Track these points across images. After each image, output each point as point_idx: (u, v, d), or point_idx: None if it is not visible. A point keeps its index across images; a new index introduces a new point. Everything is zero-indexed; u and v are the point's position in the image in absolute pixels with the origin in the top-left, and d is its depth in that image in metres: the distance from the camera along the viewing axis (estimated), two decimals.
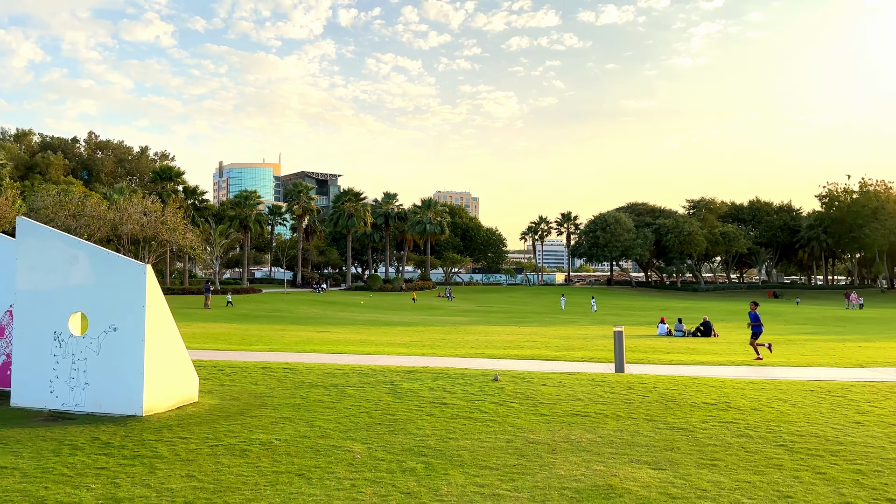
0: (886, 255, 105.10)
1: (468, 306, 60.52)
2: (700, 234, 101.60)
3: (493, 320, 41.71)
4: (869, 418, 9.14)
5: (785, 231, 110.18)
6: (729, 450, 7.31)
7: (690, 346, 22.81)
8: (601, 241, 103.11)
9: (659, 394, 10.74)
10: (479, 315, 48.01)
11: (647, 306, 63.99)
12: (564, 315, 49.69)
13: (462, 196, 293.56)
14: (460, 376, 12.19)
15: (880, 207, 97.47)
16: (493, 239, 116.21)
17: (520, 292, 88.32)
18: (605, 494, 5.67)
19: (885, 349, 21.37)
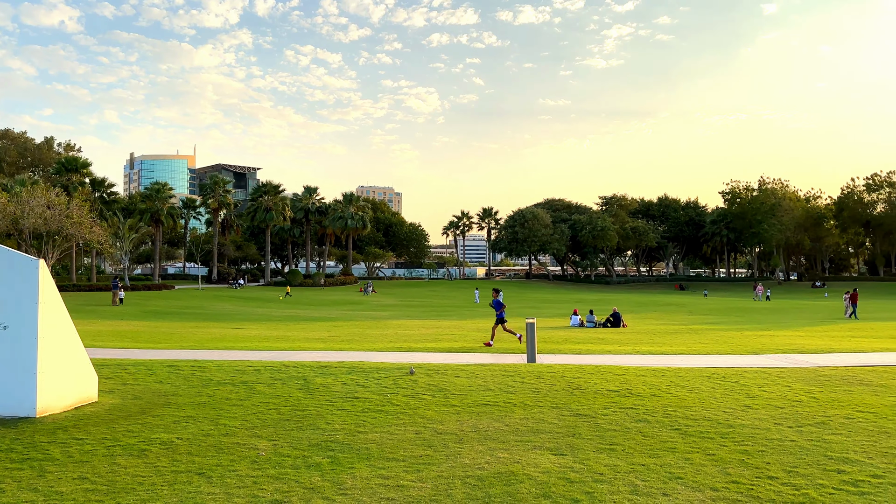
0: (783, 248, 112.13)
1: (390, 301, 60.39)
2: (612, 229, 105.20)
3: (413, 314, 41.80)
4: (758, 402, 9.75)
5: (691, 226, 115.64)
6: (627, 434, 7.65)
7: (600, 336, 23.64)
8: (520, 235, 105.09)
9: (566, 382, 11.09)
10: (400, 309, 48.00)
11: (563, 298, 65.74)
12: (483, 308, 50.37)
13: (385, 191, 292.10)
14: (375, 370, 12.19)
15: (777, 204, 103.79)
16: (415, 234, 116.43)
17: (441, 286, 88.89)
18: (506, 481, 5.82)
19: (779, 337, 22.81)
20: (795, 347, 17.96)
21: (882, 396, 10.21)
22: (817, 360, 14.70)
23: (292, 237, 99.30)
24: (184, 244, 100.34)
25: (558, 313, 43.32)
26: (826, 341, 20.54)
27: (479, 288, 70.37)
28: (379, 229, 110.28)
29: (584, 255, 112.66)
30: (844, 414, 8.88)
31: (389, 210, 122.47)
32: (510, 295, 73.95)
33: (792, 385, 11.20)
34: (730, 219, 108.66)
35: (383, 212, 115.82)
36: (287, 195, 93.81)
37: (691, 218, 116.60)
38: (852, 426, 8.19)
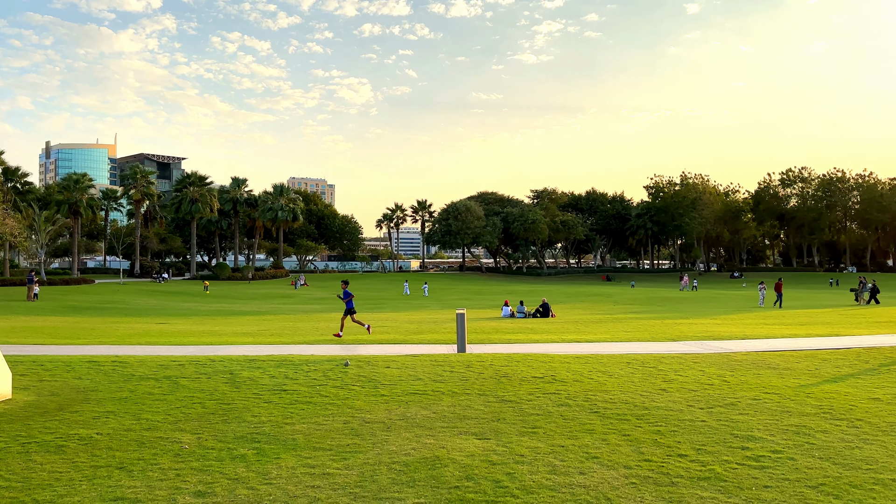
0: (704, 241, 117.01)
1: (322, 294, 59.73)
2: (543, 222, 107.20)
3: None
4: (673, 385, 10.25)
5: (617, 219, 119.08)
6: (549, 418, 7.94)
7: (529, 326, 24.18)
8: (453, 228, 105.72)
9: (494, 370, 11.35)
10: (332, 302, 47.57)
11: (496, 290, 66.65)
12: (417, 301, 50.54)
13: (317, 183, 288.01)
14: (305, 363, 12.13)
15: (698, 198, 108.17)
16: (348, 226, 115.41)
17: (375, 279, 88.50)
18: (431, 465, 5.97)
19: (697, 325, 23.88)
20: (711, 334, 18.86)
21: (787, 379, 10.91)
22: (730, 346, 15.50)
23: (220, 229, 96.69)
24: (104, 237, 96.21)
25: (490, 304, 43.89)
26: (740, 328, 21.63)
27: (408, 280, 70.50)
28: (311, 221, 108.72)
29: (516, 248, 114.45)
30: (752, 395, 9.46)
31: (322, 202, 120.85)
32: (444, 287, 74.43)
33: (705, 369, 11.81)
34: (654, 212, 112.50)
35: (315, 204, 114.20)
36: (214, 186, 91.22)
37: (618, 211, 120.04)
38: (758, 406, 8.74)
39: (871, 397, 9.27)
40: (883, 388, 9.98)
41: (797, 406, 8.71)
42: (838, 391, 9.73)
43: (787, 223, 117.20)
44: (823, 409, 8.55)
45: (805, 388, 9.92)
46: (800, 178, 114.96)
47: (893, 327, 21.10)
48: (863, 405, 8.75)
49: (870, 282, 42.67)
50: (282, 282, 79.82)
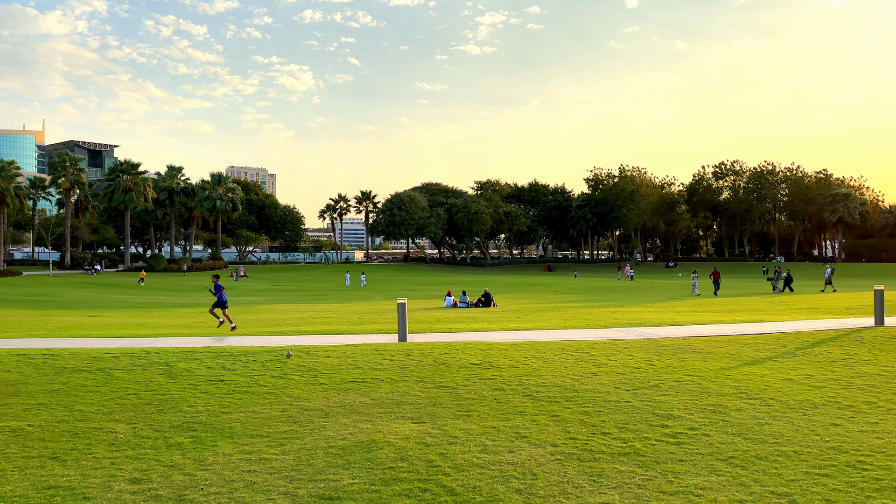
0: (640, 232, 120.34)
1: (263, 286, 58.89)
2: (487, 213, 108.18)
3: (288, 299, 41.15)
4: (603, 369, 10.70)
5: (559, 211, 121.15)
6: (483, 402, 8.22)
7: (471, 316, 24.55)
8: (398, 219, 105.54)
9: (433, 358, 11.58)
10: (273, 294, 47.02)
11: (439, 281, 67.04)
12: (360, 291, 50.44)
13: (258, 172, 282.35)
14: (243, 354, 12.09)
15: (636, 190, 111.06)
16: (290, 217, 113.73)
17: (318, 270, 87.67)
18: (367, 448, 6.16)
19: (630, 312, 24.72)
20: (643, 321, 19.59)
21: (709, 362, 11.52)
22: (659, 332, 16.17)
23: (155, 220, 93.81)
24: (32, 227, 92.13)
25: (434, 295, 44.20)
26: (671, 315, 22.51)
27: (350, 272, 70.23)
28: (251, 212, 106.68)
29: (460, 239, 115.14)
30: (675, 378, 9.99)
31: (262, 192, 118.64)
32: (388, 278, 74.37)
33: (634, 354, 12.34)
34: (593, 204, 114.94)
35: (256, 193, 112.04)
36: (149, 175, 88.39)
37: (559, 203, 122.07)
38: (680, 388, 9.25)
39: (785, 378, 9.92)
40: (796, 369, 10.67)
41: (716, 387, 9.26)
42: (755, 373, 10.36)
43: (719, 214, 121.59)
44: (740, 389, 9.11)
45: (725, 371, 10.52)
46: (732, 171, 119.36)
47: (813, 313, 22.32)
48: (776, 385, 9.36)
49: (784, 271, 45.01)
50: (220, 273, 78.20)
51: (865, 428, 7.01)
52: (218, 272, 78.91)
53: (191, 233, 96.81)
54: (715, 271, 43.58)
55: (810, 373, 10.27)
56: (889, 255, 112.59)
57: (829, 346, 13.00)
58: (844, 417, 7.48)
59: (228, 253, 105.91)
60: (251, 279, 68.70)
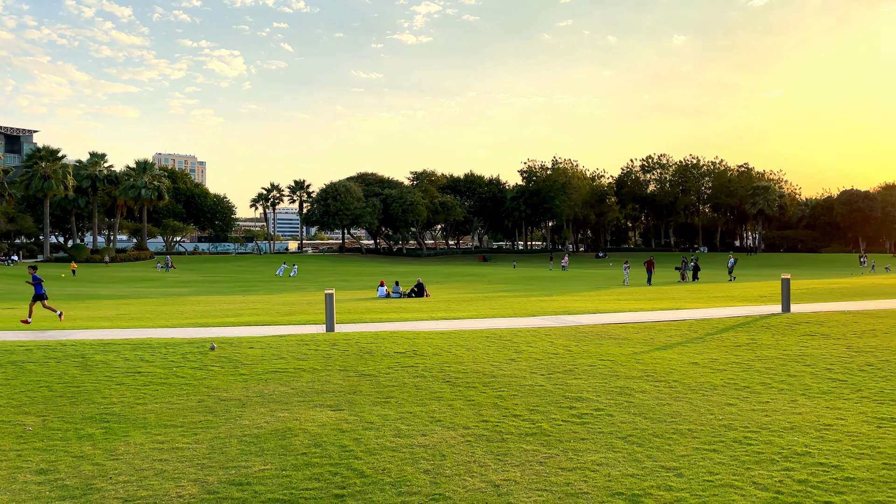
0: (572, 223, 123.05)
1: (191, 277, 57.37)
2: (422, 203, 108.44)
3: (217, 290, 40.29)
4: (522, 356, 11.06)
5: (494, 202, 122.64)
6: (403, 389, 8.41)
7: (403, 306, 24.71)
8: (332, 209, 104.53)
9: (359, 347, 11.69)
10: (201, 285, 45.92)
11: (374, 271, 66.87)
12: (292, 282, 49.84)
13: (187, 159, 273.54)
14: (163, 345, 11.88)
15: (568, 182, 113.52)
16: (220, 206, 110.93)
17: (249, 261, 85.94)
18: (282, 436, 6.25)
19: (558, 301, 25.41)
20: (568, 310, 20.20)
21: (623, 347, 12.05)
22: (581, 320, 16.75)
23: (77, 208, 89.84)
24: None
25: (368, 286, 44.13)
26: (595, 304, 23.26)
27: (286, 262, 69.26)
28: (179, 200, 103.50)
29: (396, 229, 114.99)
30: (589, 362, 10.43)
31: (191, 180, 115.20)
32: (322, 269, 73.64)
33: (554, 341, 12.78)
34: (527, 195, 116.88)
35: (184, 182, 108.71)
36: (70, 162, 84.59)
37: (494, 194, 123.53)
38: (592, 372, 9.68)
39: (691, 362, 10.51)
40: (703, 353, 11.30)
41: (626, 370, 9.74)
42: (665, 357, 10.92)
43: (647, 206, 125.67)
44: (648, 372, 9.61)
45: (637, 355, 11.05)
46: (659, 165, 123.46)
47: (728, 301, 23.47)
48: (682, 368, 9.92)
49: (691, 261, 47.36)
50: (146, 264, 75.73)
51: (756, 407, 7.56)
52: (36, 264, 76.35)
53: (115, 222, 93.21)
54: (649, 261, 45.11)
55: (715, 356, 10.91)
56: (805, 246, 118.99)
57: (737, 332, 13.79)
58: (739, 398, 8.03)
59: (155, 243, 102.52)
60: (179, 270, 66.81)
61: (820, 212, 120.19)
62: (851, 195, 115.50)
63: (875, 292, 26.01)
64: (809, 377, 9.12)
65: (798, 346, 11.72)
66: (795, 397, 7.97)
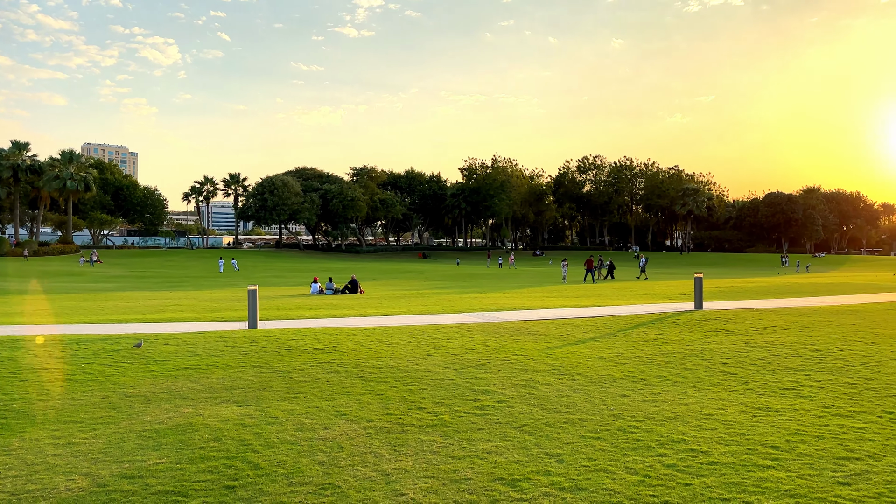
0: (512, 221, 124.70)
1: (118, 272, 55.55)
2: (363, 199, 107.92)
3: (144, 286, 39.19)
4: (440, 351, 11.32)
5: (434, 199, 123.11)
6: (315, 384, 8.54)
7: (334, 303, 24.67)
8: (269, 203, 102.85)
9: (278, 344, 11.72)
10: (129, 280, 44.57)
11: (311, 268, 66.23)
12: (224, 278, 48.91)
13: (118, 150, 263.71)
14: (76, 342, 11.63)
15: (507, 181, 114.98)
16: (151, 199, 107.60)
17: (181, 256, 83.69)
18: (182, 431, 6.30)
19: (489, 298, 25.86)
20: (496, 307, 20.63)
21: (539, 342, 12.47)
22: (506, 317, 17.17)
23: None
24: None
25: (303, 282, 43.75)
26: (524, 301, 23.80)
27: (222, 258, 67.89)
28: (108, 192, 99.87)
29: (336, 225, 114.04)
30: (502, 357, 10.78)
31: (120, 172, 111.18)
32: (257, 264, 72.41)
33: (475, 337, 13.10)
34: (467, 193, 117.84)
35: (113, 173, 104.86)
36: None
37: (435, 191, 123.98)
38: (504, 366, 10.02)
39: (598, 356, 10.99)
40: (612, 348, 11.82)
41: (535, 364, 10.13)
42: (575, 352, 11.38)
43: (583, 206, 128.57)
44: (555, 366, 10.02)
45: (549, 350, 11.48)
46: (594, 166, 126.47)
47: (649, 299, 24.38)
48: (588, 362, 10.37)
49: (607, 260, 49.20)
50: (71, 258, 72.84)
51: (648, 398, 8.03)
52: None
53: (38, 215, 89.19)
54: (589, 259, 46.18)
55: (622, 351, 11.44)
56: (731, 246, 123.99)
57: (648, 328, 14.43)
58: (634, 389, 8.49)
59: (81, 236, 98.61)
60: (106, 265, 64.57)
61: (746, 213, 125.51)
62: (776, 198, 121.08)
63: (788, 291, 27.52)
64: (704, 370, 9.70)
65: (701, 342, 12.39)
66: (686, 389, 8.49)
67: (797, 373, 9.45)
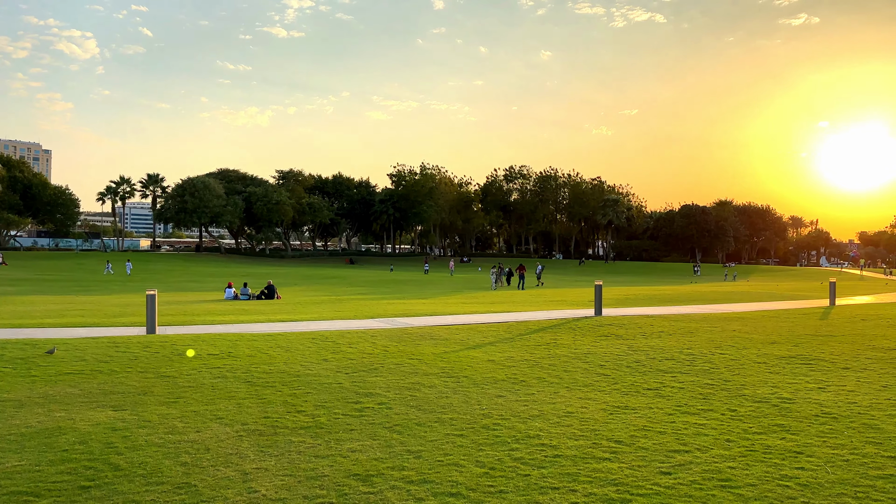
0: (440, 228, 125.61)
1: (22, 274, 52.85)
2: (288, 203, 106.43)
3: (49, 289, 37.51)
4: (337, 356, 11.51)
5: (363, 204, 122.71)
6: (199, 389, 8.60)
7: (246, 308, 24.42)
8: (189, 205, 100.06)
9: (172, 350, 11.64)
10: (33, 284, 42.53)
11: (231, 272, 64.81)
12: (136, 283, 47.33)
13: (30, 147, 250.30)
14: None
15: (435, 188, 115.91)
16: (62, 198, 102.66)
17: (93, 259, 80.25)
18: (49, 434, 6.31)
19: (405, 304, 26.14)
20: (408, 312, 20.93)
21: (438, 347, 12.84)
22: (415, 322, 17.48)
23: None
24: None
25: (220, 287, 42.80)
26: (439, 307, 24.19)
27: (111, 261, 66.06)
28: (16, 191, 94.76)
29: (260, 229, 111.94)
30: (397, 361, 11.08)
31: (30, 169, 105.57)
32: (173, 269, 70.27)
33: (377, 342, 13.35)
34: (396, 199, 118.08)
35: (22, 171, 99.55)
36: None
37: (363, 197, 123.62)
38: (396, 370, 10.32)
39: (489, 359, 11.44)
40: (504, 352, 12.31)
41: (427, 368, 10.48)
42: (469, 356, 11.81)
43: (509, 214, 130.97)
44: (445, 370, 10.40)
45: (444, 354, 11.86)
46: (520, 175, 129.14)
47: (560, 305, 25.22)
48: (477, 366, 10.80)
49: (507, 267, 50.82)
50: None
51: (522, 398, 8.49)
52: None
53: None
54: (520, 266, 47.00)
55: (512, 355, 11.94)
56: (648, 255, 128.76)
57: (545, 333, 15.06)
58: (512, 390, 8.96)
59: None
60: (11, 267, 61.32)
61: (663, 224, 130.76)
62: (690, 209, 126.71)
63: (690, 299, 29.03)
64: (581, 373, 10.29)
65: (588, 346, 13.07)
66: (559, 390, 9.03)
67: (665, 374, 10.17)
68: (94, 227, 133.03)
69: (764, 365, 11.09)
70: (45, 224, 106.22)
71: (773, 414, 7.77)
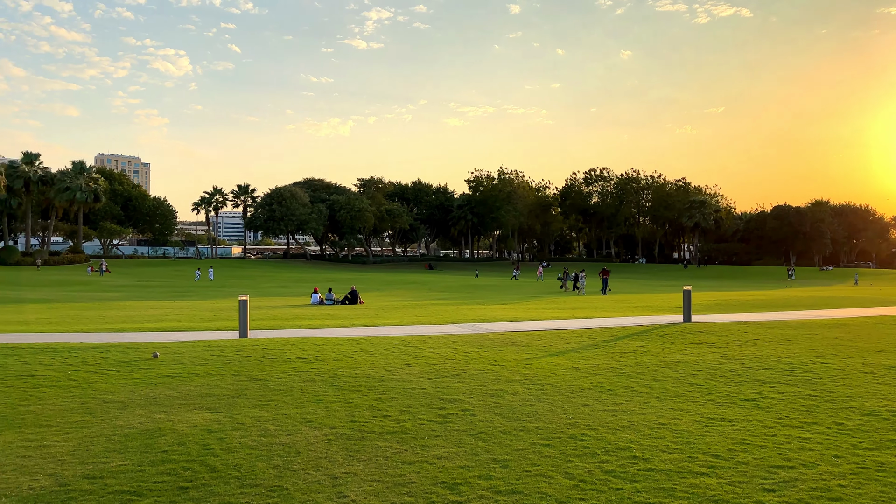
0: (518, 232, 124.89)
1: (125, 281, 56.19)
2: (369, 210, 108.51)
3: (149, 295, 39.68)
4: (420, 361, 11.57)
5: (441, 210, 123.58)
6: (289, 393, 8.82)
7: (331, 313, 24.98)
8: (277, 214, 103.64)
9: (263, 353, 12.02)
10: (134, 290, 45.12)
11: (316, 278, 66.66)
12: (229, 288, 49.37)
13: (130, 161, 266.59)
14: (67, 350, 11.98)
15: (513, 192, 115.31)
16: (160, 209, 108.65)
17: (189, 266, 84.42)
18: (150, 435, 6.60)
19: (486, 309, 26.07)
20: (488, 318, 20.85)
21: (520, 353, 12.70)
22: (496, 328, 17.39)
23: (9, 209, 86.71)
24: None
25: (306, 292, 44.07)
26: (519, 312, 24.00)
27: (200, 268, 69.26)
28: (117, 202, 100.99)
29: (343, 236, 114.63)
30: (479, 367, 11.02)
31: (129, 182, 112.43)
32: (263, 275, 72.95)
33: (458, 347, 13.34)
34: (474, 204, 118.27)
35: (122, 183, 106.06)
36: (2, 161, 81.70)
37: (441, 202, 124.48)
38: (478, 376, 10.27)
39: (573, 367, 11.21)
40: (589, 360, 12.03)
41: (509, 374, 10.37)
42: (552, 362, 11.61)
43: (589, 217, 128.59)
44: (528, 377, 10.26)
45: (527, 361, 11.71)
46: (601, 178, 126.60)
47: (644, 311, 24.51)
48: (561, 373, 10.60)
49: (573, 272, 49.26)
50: (80, 268, 73.71)
51: (609, 408, 8.25)
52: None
53: (49, 224, 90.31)
54: (604, 270, 46.13)
55: (597, 362, 11.65)
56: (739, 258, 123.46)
57: (631, 340, 14.63)
58: (598, 399, 8.72)
59: (91, 246, 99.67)
60: (114, 274, 65.32)
61: (754, 226, 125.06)
62: (783, 211, 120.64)
63: (785, 304, 27.57)
64: (672, 382, 9.91)
65: (678, 354, 12.58)
66: (649, 400, 8.71)
67: (762, 385, 9.65)
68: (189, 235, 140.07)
69: (871, 375, 10.35)
70: (145, 233, 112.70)
71: (884, 428, 7.22)
